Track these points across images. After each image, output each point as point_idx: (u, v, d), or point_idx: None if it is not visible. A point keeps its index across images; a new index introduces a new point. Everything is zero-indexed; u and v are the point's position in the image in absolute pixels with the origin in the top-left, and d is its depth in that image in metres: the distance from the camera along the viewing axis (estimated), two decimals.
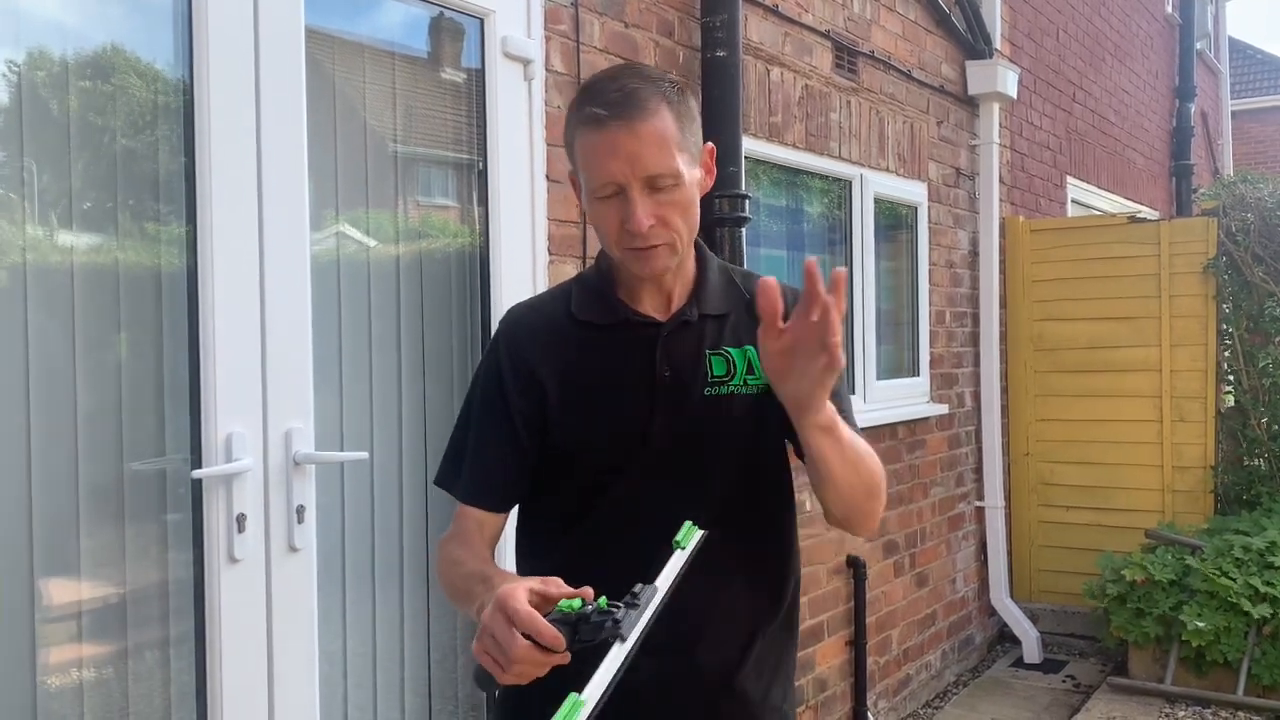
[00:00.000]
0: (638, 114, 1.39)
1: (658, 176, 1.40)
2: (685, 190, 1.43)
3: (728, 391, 1.51)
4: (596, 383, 1.51)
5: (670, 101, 1.42)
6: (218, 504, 2.14)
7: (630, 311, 1.53)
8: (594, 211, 1.46)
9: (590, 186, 1.44)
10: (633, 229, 1.40)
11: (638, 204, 1.40)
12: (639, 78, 1.43)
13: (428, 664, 2.67)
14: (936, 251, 5.14)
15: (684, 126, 1.44)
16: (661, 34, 3.31)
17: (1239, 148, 14.14)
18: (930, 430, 5.03)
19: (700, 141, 1.49)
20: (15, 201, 1.93)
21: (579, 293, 1.57)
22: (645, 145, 1.39)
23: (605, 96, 1.40)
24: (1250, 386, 5.38)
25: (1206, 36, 10.12)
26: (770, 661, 1.59)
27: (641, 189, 1.40)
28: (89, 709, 2.02)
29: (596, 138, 1.40)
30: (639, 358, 1.51)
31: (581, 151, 1.43)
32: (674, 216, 1.42)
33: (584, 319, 1.54)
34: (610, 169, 1.39)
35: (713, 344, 1.53)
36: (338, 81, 2.54)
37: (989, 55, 5.35)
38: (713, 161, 1.53)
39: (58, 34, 1.99)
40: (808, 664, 4.03)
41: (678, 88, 1.46)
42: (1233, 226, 5.32)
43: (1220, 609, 4.56)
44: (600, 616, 1.13)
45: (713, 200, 3.25)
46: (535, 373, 1.52)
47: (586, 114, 1.41)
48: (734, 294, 1.58)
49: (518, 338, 1.56)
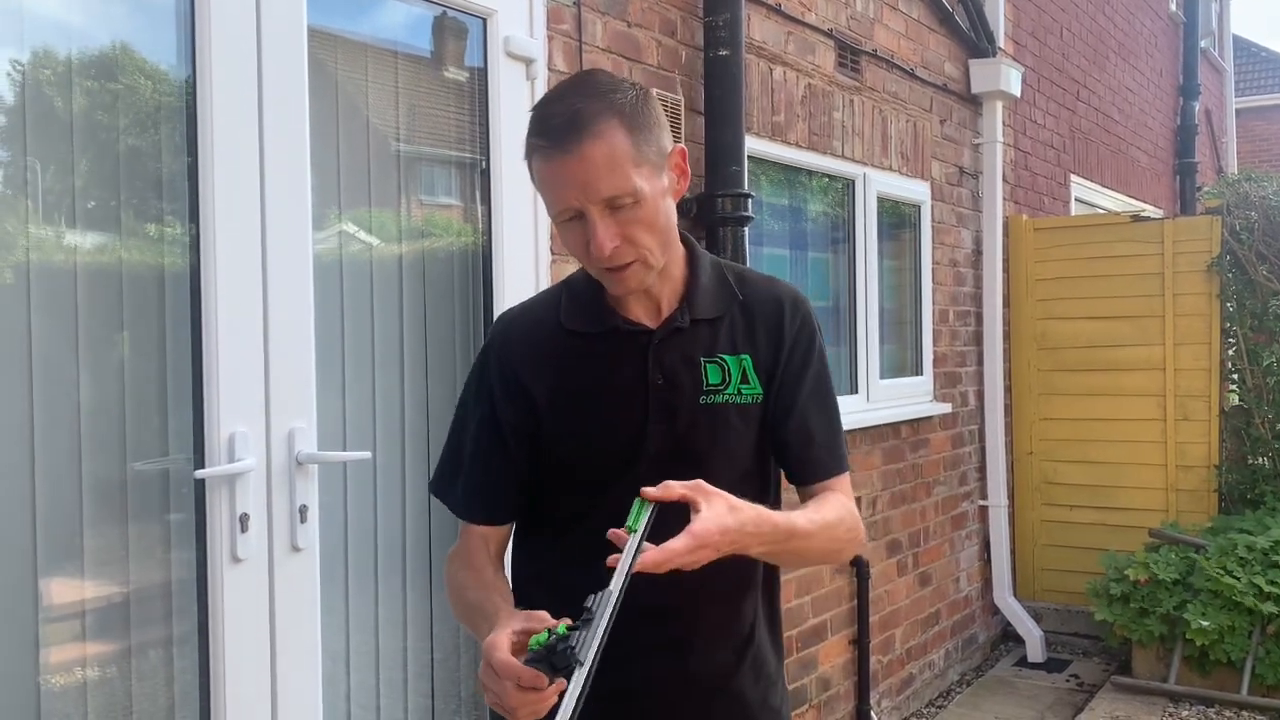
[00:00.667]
0: (584, 139, 1.33)
1: (614, 198, 1.35)
2: (646, 205, 1.37)
3: (722, 400, 1.49)
4: (589, 393, 1.49)
5: (623, 114, 1.36)
6: (221, 504, 2.14)
7: (620, 319, 1.50)
8: (561, 234, 1.43)
9: (551, 211, 1.41)
10: (595, 254, 1.36)
11: (598, 226, 1.35)
12: (585, 94, 1.37)
13: (431, 663, 2.67)
14: (940, 250, 5.13)
15: (639, 139, 1.37)
16: (664, 33, 3.30)
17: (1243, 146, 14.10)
18: (933, 429, 5.03)
19: (665, 147, 1.42)
20: (19, 200, 1.93)
21: (568, 300, 1.54)
22: (594, 170, 1.33)
23: (549, 123, 1.35)
24: (1254, 385, 5.37)
25: (1211, 34, 10.09)
26: (767, 663, 1.60)
27: (601, 210, 1.35)
28: (92, 708, 2.02)
29: (545, 167, 1.36)
30: (631, 366, 1.48)
31: (537, 176, 1.40)
32: (639, 234, 1.38)
33: (573, 328, 1.51)
34: (563, 197, 1.36)
35: (707, 351, 1.50)
36: (340, 81, 2.54)
37: (992, 54, 5.34)
38: (685, 162, 1.46)
39: (61, 33, 1.99)
40: (810, 663, 4.02)
41: (634, 95, 1.39)
42: (1237, 225, 5.30)
43: (1224, 608, 4.55)
44: (563, 644, 1.17)
45: (715, 199, 3.25)
46: (526, 385, 1.50)
47: (532, 144, 1.38)
48: (727, 296, 1.54)
49: (508, 349, 1.54)
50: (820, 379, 1.56)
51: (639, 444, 1.47)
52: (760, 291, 1.56)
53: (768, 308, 1.55)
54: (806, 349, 1.55)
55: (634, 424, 1.48)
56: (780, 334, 1.53)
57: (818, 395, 1.55)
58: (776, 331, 1.53)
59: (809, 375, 1.54)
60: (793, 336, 1.54)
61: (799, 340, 1.54)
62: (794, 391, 1.53)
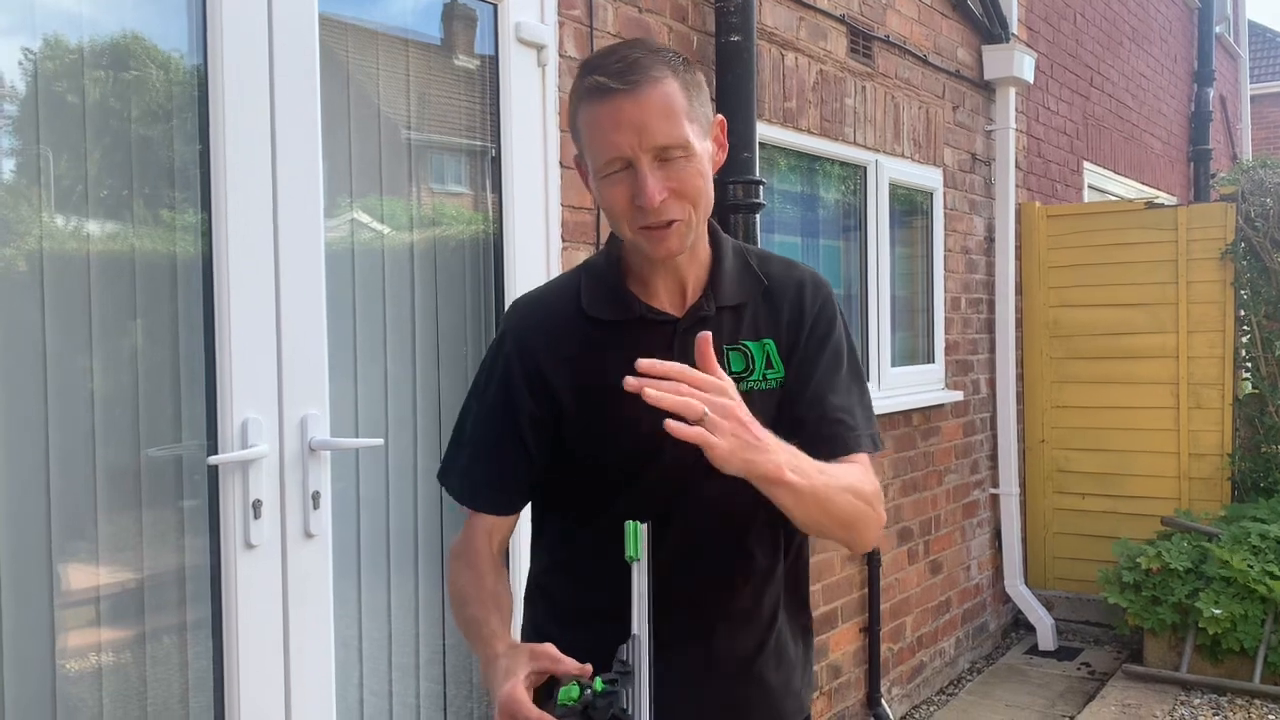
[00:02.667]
0: (643, 82, 1.33)
1: (667, 147, 1.33)
2: (697, 162, 1.36)
3: (747, 388, 1.46)
4: (611, 384, 1.48)
5: (676, 71, 1.36)
6: (234, 490, 2.15)
7: (644, 307, 1.48)
8: (602, 191, 1.39)
9: (596, 164, 1.38)
10: (644, 204, 1.33)
11: (648, 177, 1.33)
12: (641, 48, 1.38)
13: (443, 649, 2.68)
14: (952, 238, 5.11)
15: (692, 96, 1.37)
16: (675, 18, 3.29)
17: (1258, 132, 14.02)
18: (945, 417, 5.02)
19: (710, 113, 1.43)
20: (32, 189, 1.94)
21: (588, 285, 1.51)
22: (652, 114, 1.32)
23: (608, 67, 1.34)
24: (1268, 373, 5.34)
25: (1225, 20, 10.02)
26: (790, 649, 1.60)
27: (651, 161, 1.33)
28: (107, 693, 2.04)
29: (600, 109, 1.34)
30: (656, 357, 1.48)
31: (586, 126, 1.38)
32: (687, 189, 1.36)
33: (595, 316, 1.48)
34: (616, 142, 1.33)
35: (730, 339, 1.48)
36: (351, 68, 2.53)
37: (1005, 40, 5.31)
38: (724, 135, 1.46)
39: (72, 22, 1.99)
40: (822, 650, 4.03)
41: (683, 59, 1.40)
42: (1251, 212, 5.27)
43: (1237, 596, 4.54)
44: (603, 700, 1.13)
45: (727, 186, 3.24)
46: (546, 376, 1.48)
47: (589, 85, 1.35)
48: (750, 280, 1.53)
49: (525, 338, 1.50)
50: (838, 357, 1.53)
51: (664, 436, 1.46)
52: (782, 275, 1.55)
53: (790, 291, 1.53)
54: (826, 329, 1.53)
55: (658, 415, 1.46)
56: (801, 315, 1.52)
57: (835, 373, 1.52)
58: (798, 313, 1.52)
59: (826, 353, 1.52)
60: (813, 316, 1.52)
61: (819, 320, 1.53)
62: (811, 368, 1.51)
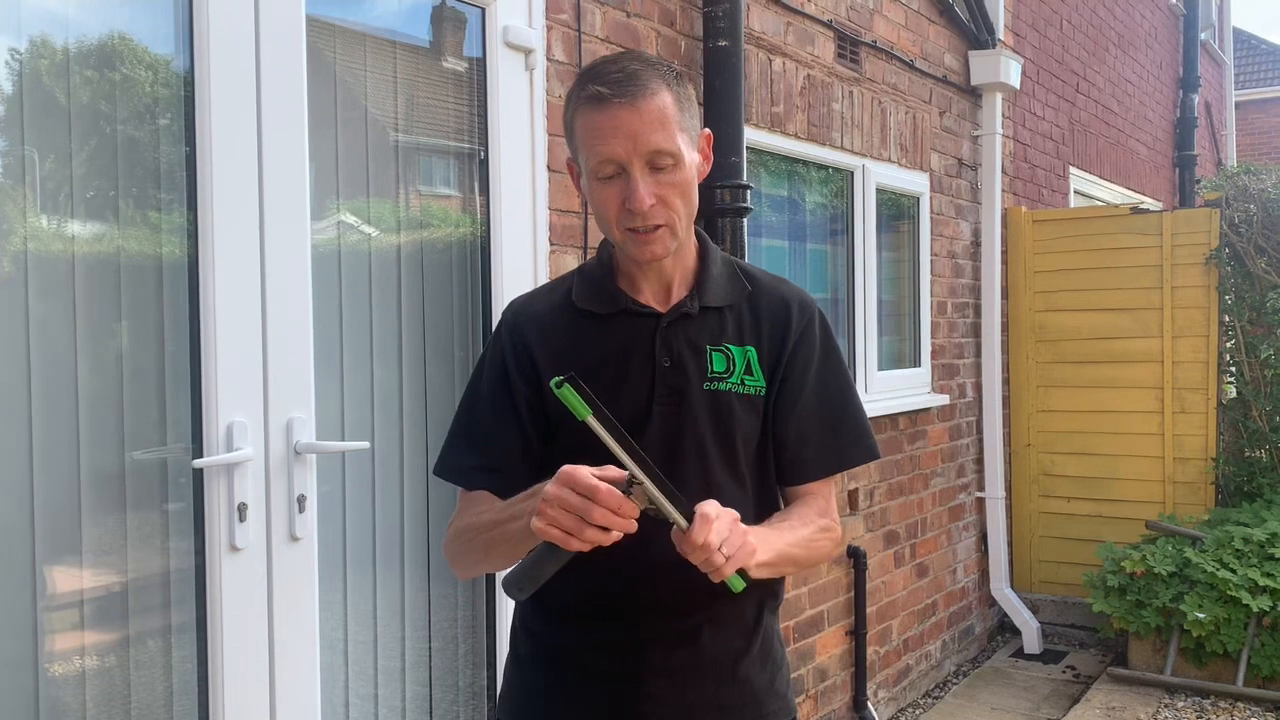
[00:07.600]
0: (639, 92, 1.40)
1: (659, 154, 1.41)
2: (685, 171, 1.45)
3: (726, 388, 1.51)
4: (595, 371, 1.50)
5: (670, 84, 1.44)
6: (219, 493, 2.14)
7: (630, 301, 1.53)
8: (594, 193, 1.46)
9: (590, 166, 1.44)
10: (634, 207, 1.41)
11: (639, 182, 1.41)
12: (639, 61, 1.46)
13: (429, 652, 2.67)
14: (938, 242, 5.13)
15: (684, 109, 1.46)
16: (663, 23, 3.30)
17: (1242, 139, 14.11)
18: (931, 421, 5.03)
19: (698, 126, 1.51)
20: (17, 190, 1.93)
21: (580, 282, 1.58)
22: (647, 123, 1.40)
23: (608, 77, 1.42)
24: (1252, 378, 5.38)
25: (1211, 27, 10.07)
26: (773, 649, 1.61)
27: (643, 168, 1.41)
28: (91, 696, 2.03)
29: (598, 116, 1.41)
30: (638, 347, 1.51)
31: (582, 131, 1.44)
32: (674, 197, 1.44)
33: (584, 308, 1.55)
34: (612, 147, 1.41)
35: (713, 338, 1.53)
36: (339, 70, 2.53)
37: (992, 45, 5.34)
38: (710, 148, 1.55)
39: (59, 23, 1.99)
40: (808, 653, 4.04)
41: (676, 73, 1.48)
42: (1235, 218, 5.31)
43: (1220, 600, 4.57)
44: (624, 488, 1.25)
45: (714, 191, 3.24)
46: (536, 361, 1.53)
47: (588, 93, 1.42)
48: (735, 286, 1.58)
49: (518, 325, 1.57)
50: (824, 383, 1.58)
51: (643, 424, 1.49)
52: (769, 290, 1.60)
53: (775, 306, 1.58)
54: (809, 352, 1.57)
55: (639, 404, 1.50)
56: (785, 333, 1.56)
57: (819, 399, 1.57)
58: (782, 330, 1.56)
59: (810, 378, 1.57)
60: (796, 337, 1.56)
61: (802, 342, 1.57)
62: (794, 393, 1.55)
